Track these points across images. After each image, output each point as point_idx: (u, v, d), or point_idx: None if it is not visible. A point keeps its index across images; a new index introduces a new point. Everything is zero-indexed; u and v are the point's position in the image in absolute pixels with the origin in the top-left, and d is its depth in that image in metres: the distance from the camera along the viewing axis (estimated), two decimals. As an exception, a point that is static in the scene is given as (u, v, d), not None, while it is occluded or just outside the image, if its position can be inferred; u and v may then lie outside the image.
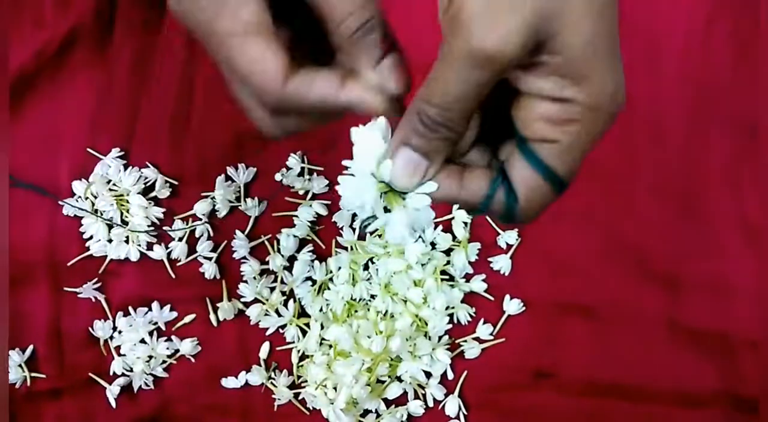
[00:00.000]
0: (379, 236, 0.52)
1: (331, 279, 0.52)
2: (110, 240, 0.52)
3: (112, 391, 0.51)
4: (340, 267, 0.52)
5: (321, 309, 0.52)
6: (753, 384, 0.50)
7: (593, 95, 0.27)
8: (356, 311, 0.51)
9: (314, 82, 0.29)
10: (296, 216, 0.53)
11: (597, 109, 0.27)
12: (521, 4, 0.25)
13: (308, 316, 0.52)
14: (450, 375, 0.51)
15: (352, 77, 0.30)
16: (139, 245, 0.52)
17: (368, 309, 0.51)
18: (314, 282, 0.52)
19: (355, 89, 0.29)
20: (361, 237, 0.52)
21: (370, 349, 0.48)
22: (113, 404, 0.51)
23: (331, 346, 0.51)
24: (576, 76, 0.26)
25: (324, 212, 0.53)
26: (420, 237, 0.52)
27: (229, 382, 0.52)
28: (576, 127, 0.27)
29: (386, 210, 0.30)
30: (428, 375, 0.51)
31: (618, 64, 0.27)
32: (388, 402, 0.51)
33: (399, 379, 0.51)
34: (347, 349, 0.49)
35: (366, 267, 0.52)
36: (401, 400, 0.51)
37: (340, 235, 0.53)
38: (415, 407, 0.51)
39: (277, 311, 0.52)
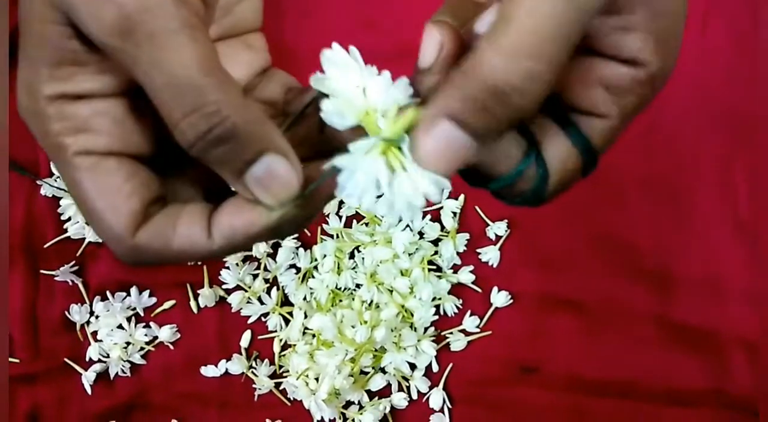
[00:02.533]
0: (366, 224, 0.51)
1: (315, 267, 0.51)
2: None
3: (88, 378, 0.50)
4: (325, 255, 0.51)
5: (305, 298, 0.51)
6: (743, 383, 0.50)
7: (663, 64, 0.23)
8: (341, 300, 0.51)
9: (176, 225, 0.22)
10: (281, 202, 0.52)
11: (653, 84, 0.24)
12: None
13: (291, 305, 0.51)
14: (435, 368, 0.50)
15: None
16: (119, 228, 0.51)
17: (353, 299, 0.50)
18: (298, 269, 0.51)
19: (227, 218, 0.22)
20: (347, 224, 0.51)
21: (354, 339, 0.48)
22: (89, 391, 0.50)
23: (314, 336, 0.50)
24: (660, 36, 0.23)
25: (310, 198, 0.52)
26: (408, 225, 0.51)
27: (209, 371, 0.51)
28: (631, 99, 0.24)
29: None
30: (413, 367, 0.50)
31: None
32: (371, 394, 0.50)
33: (383, 371, 0.50)
34: (330, 339, 0.49)
35: (352, 256, 0.51)
36: (385, 392, 0.51)
37: (326, 222, 0.52)
38: (399, 399, 0.50)
39: (259, 299, 0.51)
